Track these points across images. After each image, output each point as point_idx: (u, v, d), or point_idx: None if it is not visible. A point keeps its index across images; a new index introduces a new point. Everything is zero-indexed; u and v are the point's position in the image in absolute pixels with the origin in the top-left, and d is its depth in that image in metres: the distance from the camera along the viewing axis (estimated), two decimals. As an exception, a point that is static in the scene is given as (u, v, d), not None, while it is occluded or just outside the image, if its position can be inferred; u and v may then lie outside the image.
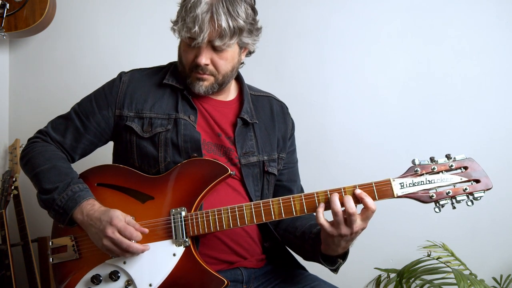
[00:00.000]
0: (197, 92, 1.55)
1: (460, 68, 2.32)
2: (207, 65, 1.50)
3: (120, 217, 1.38)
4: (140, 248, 1.39)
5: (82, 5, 2.61)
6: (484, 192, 1.32)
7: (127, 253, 1.39)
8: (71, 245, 1.51)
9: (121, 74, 1.65)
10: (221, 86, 1.57)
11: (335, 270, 1.48)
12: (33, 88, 2.65)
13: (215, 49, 1.48)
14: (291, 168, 1.74)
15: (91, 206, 1.43)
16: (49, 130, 1.62)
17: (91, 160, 1.66)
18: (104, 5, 2.61)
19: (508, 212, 2.25)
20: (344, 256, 1.45)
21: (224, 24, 1.43)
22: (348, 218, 1.30)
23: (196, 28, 1.43)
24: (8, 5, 2.34)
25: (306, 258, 1.58)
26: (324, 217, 1.33)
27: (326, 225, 1.32)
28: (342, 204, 1.32)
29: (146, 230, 1.41)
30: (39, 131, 1.65)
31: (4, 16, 2.33)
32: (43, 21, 2.40)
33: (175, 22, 1.52)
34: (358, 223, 1.31)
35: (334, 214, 1.31)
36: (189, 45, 1.49)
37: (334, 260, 1.45)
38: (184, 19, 1.45)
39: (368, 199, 1.31)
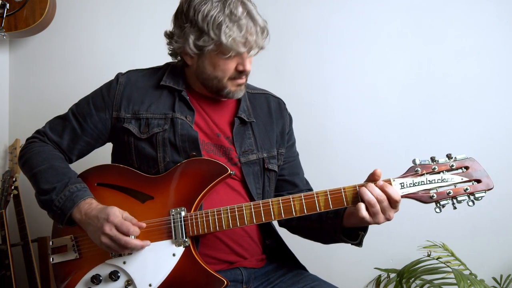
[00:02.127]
0: (237, 98, 1.59)
1: (460, 68, 2.32)
2: None
3: (116, 213, 1.38)
4: (139, 244, 1.38)
5: (82, 5, 2.61)
6: (485, 192, 1.31)
7: (126, 249, 1.38)
8: (71, 245, 1.51)
9: (118, 76, 1.65)
10: None
11: (359, 244, 1.48)
12: (33, 88, 2.65)
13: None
14: (291, 162, 1.74)
15: (89, 205, 1.43)
16: (46, 130, 1.62)
17: (90, 160, 1.66)
18: (104, 5, 2.61)
19: (508, 212, 2.26)
20: (365, 228, 1.46)
21: (264, 25, 1.48)
22: (386, 206, 1.32)
23: (254, 39, 1.45)
24: (8, 5, 2.34)
25: (325, 240, 1.58)
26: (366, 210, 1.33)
27: (367, 217, 1.33)
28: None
29: (144, 225, 1.41)
30: (37, 131, 1.65)
31: (4, 16, 2.33)
32: (43, 21, 2.40)
33: (208, 40, 1.45)
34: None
35: (369, 205, 1.31)
36: (226, 56, 1.47)
37: (356, 234, 1.46)
38: (231, 36, 1.42)
39: (391, 189, 1.32)
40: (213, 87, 1.55)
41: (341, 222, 1.45)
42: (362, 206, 1.32)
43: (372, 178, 1.36)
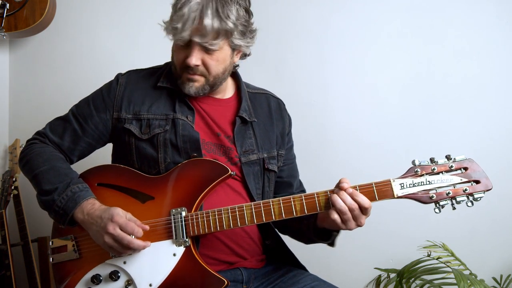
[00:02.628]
0: (188, 93, 1.55)
1: (460, 68, 2.32)
2: (197, 65, 1.49)
3: (121, 214, 1.39)
4: (141, 244, 1.38)
5: (82, 5, 2.61)
6: (484, 193, 1.32)
7: (128, 249, 1.38)
8: (71, 245, 1.51)
9: (118, 76, 1.65)
10: (212, 87, 1.56)
11: (332, 244, 1.52)
12: (33, 88, 2.65)
13: (206, 50, 1.48)
14: (290, 164, 1.75)
15: (92, 205, 1.43)
16: (47, 131, 1.62)
17: (91, 161, 1.66)
18: (104, 5, 2.61)
19: (508, 212, 2.26)
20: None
21: (208, 24, 1.42)
22: (357, 214, 1.33)
23: (179, 25, 1.44)
24: (8, 5, 2.34)
25: (304, 239, 1.62)
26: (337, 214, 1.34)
27: (338, 221, 1.34)
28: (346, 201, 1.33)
29: (147, 227, 1.41)
30: (37, 133, 1.65)
31: (4, 16, 2.33)
32: (43, 21, 2.40)
33: (166, 22, 1.52)
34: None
35: (341, 212, 1.33)
36: (179, 45, 1.50)
37: (329, 234, 1.49)
38: (172, 18, 1.47)
39: (361, 198, 1.34)
40: (175, 74, 1.57)
41: (314, 222, 1.48)
42: (335, 215, 1.34)
43: (341, 187, 1.36)
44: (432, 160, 1.35)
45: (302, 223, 1.54)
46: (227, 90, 1.66)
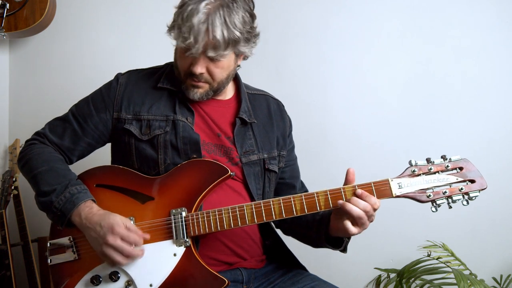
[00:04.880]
0: (192, 98, 1.55)
1: (460, 68, 2.32)
2: (202, 73, 1.49)
3: (120, 224, 1.37)
4: (140, 254, 1.39)
5: (82, 5, 2.62)
6: (479, 192, 1.34)
7: (128, 259, 1.37)
8: (70, 246, 1.50)
9: (118, 76, 1.64)
10: (216, 92, 1.57)
11: (344, 250, 1.51)
12: (33, 88, 2.65)
13: (211, 58, 1.46)
14: (292, 165, 1.75)
15: (89, 209, 1.42)
16: (46, 132, 1.61)
17: (90, 161, 1.66)
18: (104, 5, 2.61)
19: (508, 212, 2.26)
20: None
21: (219, 36, 1.41)
22: (371, 214, 1.34)
23: (191, 39, 1.40)
24: (8, 5, 2.34)
25: (313, 244, 1.60)
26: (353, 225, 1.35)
27: (356, 231, 1.35)
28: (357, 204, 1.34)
29: (148, 236, 1.41)
30: (37, 133, 1.64)
31: (4, 16, 2.33)
32: (43, 21, 2.40)
33: (170, 28, 1.49)
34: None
35: (359, 218, 1.33)
36: (183, 51, 1.47)
37: (341, 240, 1.48)
38: (180, 28, 1.43)
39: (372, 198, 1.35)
40: (179, 78, 1.56)
41: (325, 231, 1.47)
42: (349, 225, 1.35)
43: (348, 178, 1.40)
44: (428, 160, 1.37)
45: (311, 230, 1.53)
46: (227, 92, 1.66)
